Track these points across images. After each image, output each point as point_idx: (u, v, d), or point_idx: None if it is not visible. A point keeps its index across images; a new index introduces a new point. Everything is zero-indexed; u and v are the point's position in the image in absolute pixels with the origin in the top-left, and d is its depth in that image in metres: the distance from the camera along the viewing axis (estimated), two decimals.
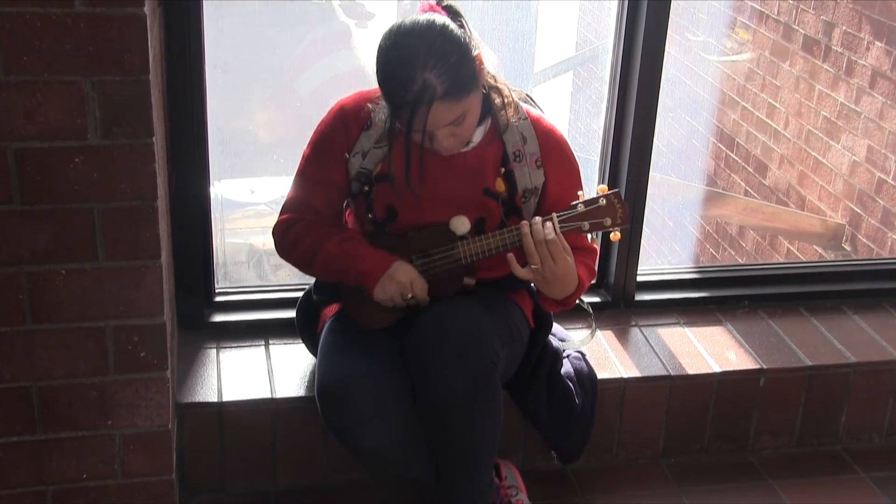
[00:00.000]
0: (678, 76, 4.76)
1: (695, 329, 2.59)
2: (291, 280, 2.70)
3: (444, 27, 1.85)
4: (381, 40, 1.87)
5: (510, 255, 1.96)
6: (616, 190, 1.98)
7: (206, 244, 2.38)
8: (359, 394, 1.97)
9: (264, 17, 3.50)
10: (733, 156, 4.57)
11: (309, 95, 3.77)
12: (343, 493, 2.31)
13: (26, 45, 1.66)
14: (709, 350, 2.50)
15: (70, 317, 1.86)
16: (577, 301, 2.38)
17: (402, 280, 1.98)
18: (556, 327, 2.37)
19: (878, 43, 3.74)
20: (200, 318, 2.43)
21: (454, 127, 1.91)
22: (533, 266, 1.95)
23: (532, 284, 2.13)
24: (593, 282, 2.62)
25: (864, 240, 3.86)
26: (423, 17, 1.86)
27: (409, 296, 2.00)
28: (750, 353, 2.50)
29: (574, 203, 1.96)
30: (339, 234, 2.05)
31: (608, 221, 1.95)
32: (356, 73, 3.75)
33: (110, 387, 1.94)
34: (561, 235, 1.93)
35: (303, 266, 2.12)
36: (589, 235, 2.02)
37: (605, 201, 1.95)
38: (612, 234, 1.98)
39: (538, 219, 1.95)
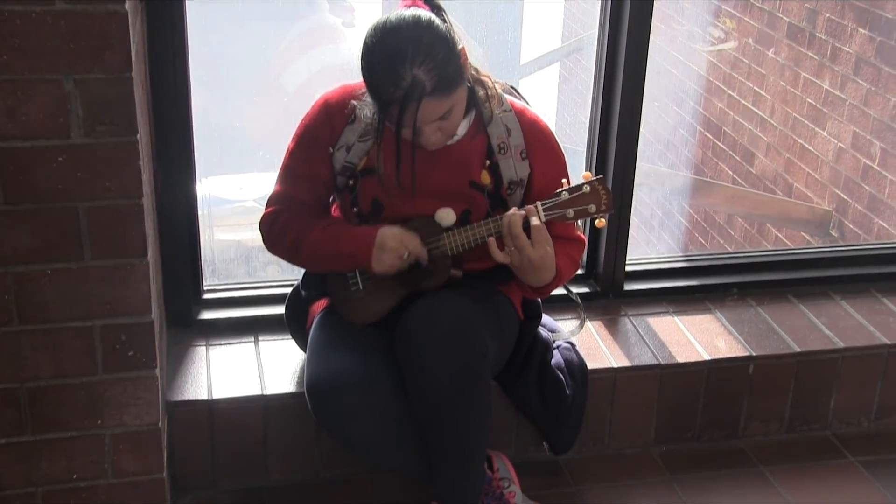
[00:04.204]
0: (664, 65, 4.76)
1: (684, 317, 2.59)
2: (280, 276, 2.69)
3: (430, 22, 1.84)
4: (367, 37, 1.85)
5: (490, 239, 1.95)
6: (600, 176, 1.96)
7: (194, 241, 2.37)
8: (348, 389, 1.96)
9: (248, 11, 3.48)
10: (720, 144, 4.57)
11: (295, 90, 3.75)
12: (336, 488, 2.31)
13: (6, 44, 1.64)
14: (698, 338, 2.51)
15: (57, 317, 1.85)
16: (566, 291, 2.39)
17: (393, 246, 1.95)
18: (546, 318, 2.37)
19: (861, 30, 3.75)
20: (189, 316, 2.42)
21: (441, 122, 1.90)
22: (510, 250, 1.94)
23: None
24: (580, 272, 2.63)
25: (851, 226, 3.87)
26: (408, 13, 1.85)
27: (406, 255, 1.97)
28: (739, 340, 2.50)
29: (558, 190, 1.95)
30: (321, 221, 2.04)
31: (593, 208, 1.93)
32: (342, 66, 3.74)
33: (99, 386, 1.93)
34: (543, 224, 1.93)
35: (290, 257, 2.11)
36: (576, 223, 2.01)
37: (589, 188, 1.93)
38: (597, 221, 1.96)
39: (515, 209, 1.94)
